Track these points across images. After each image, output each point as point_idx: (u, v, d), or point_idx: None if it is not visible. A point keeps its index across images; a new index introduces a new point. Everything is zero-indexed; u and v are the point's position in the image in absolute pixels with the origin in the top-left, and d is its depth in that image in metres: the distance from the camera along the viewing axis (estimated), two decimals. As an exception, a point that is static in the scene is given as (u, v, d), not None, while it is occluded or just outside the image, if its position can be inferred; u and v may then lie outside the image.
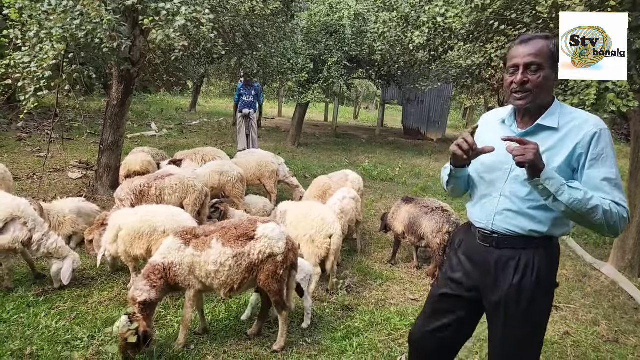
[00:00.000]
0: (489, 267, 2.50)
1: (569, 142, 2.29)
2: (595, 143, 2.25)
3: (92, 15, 5.29)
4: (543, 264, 2.41)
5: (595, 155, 2.25)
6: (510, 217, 2.42)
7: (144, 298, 3.66)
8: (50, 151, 9.97)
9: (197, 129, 17.54)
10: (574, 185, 2.20)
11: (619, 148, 23.72)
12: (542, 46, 2.29)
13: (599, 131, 2.25)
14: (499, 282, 2.46)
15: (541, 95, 2.33)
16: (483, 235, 2.55)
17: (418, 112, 22.96)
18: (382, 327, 4.63)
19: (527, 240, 2.41)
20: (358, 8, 13.35)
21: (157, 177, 5.99)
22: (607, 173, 2.24)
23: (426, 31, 7.27)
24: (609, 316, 5.41)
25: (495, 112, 2.69)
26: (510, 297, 2.42)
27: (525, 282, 2.39)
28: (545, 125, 2.35)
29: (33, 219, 4.66)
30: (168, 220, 4.65)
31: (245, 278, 3.80)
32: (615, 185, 2.25)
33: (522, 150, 2.14)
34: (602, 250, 7.93)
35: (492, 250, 2.50)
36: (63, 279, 4.63)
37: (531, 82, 2.29)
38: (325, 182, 7.20)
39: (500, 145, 2.37)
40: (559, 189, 2.17)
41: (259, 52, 10.09)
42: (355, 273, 5.92)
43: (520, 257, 2.41)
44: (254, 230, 3.84)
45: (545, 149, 2.30)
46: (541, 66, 2.28)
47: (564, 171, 2.28)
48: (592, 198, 2.17)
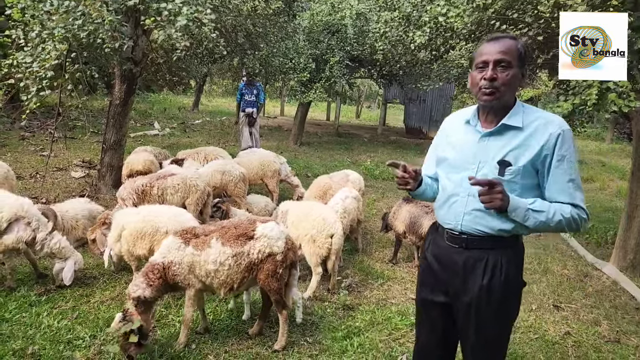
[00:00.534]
0: (458, 268, 2.50)
1: (534, 142, 2.30)
2: (560, 144, 2.27)
3: (93, 16, 5.30)
4: (511, 264, 2.44)
5: (560, 157, 2.28)
6: (479, 217, 2.41)
7: (138, 294, 3.68)
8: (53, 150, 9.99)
9: (200, 128, 17.56)
10: (537, 207, 2.26)
11: (622, 147, 23.71)
12: (511, 45, 2.31)
13: (562, 132, 2.28)
14: (468, 283, 2.46)
15: (507, 93, 2.33)
16: (451, 236, 2.53)
17: (420, 111, 22.96)
18: (383, 326, 4.63)
19: (495, 240, 2.42)
20: (360, 7, 13.34)
21: (159, 176, 6.01)
22: (571, 174, 2.29)
23: (427, 31, 7.26)
24: (611, 316, 5.41)
25: (458, 114, 2.68)
26: (481, 298, 2.43)
27: (495, 282, 2.40)
28: (510, 125, 2.35)
29: (37, 218, 4.68)
30: (170, 221, 4.65)
31: (245, 277, 3.82)
32: (577, 186, 2.31)
33: (489, 197, 2.20)
34: (603, 249, 7.92)
35: (461, 252, 2.49)
36: (65, 279, 4.65)
37: (499, 79, 2.29)
38: (326, 182, 7.21)
39: (466, 144, 2.46)
40: (524, 216, 2.25)
41: (261, 51, 10.09)
42: (356, 272, 5.93)
43: (488, 258, 2.42)
44: (253, 230, 3.86)
45: (511, 148, 2.32)
46: (510, 64, 2.29)
47: (528, 170, 2.31)
48: (555, 214, 2.25)
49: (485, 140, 2.41)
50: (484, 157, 2.38)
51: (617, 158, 20.23)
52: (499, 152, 2.35)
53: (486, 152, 2.39)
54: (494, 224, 2.38)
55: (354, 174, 7.66)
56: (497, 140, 2.38)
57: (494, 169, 2.34)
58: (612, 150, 23.03)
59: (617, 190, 13.12)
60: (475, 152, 2.41)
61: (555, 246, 7.91)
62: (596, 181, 14.40)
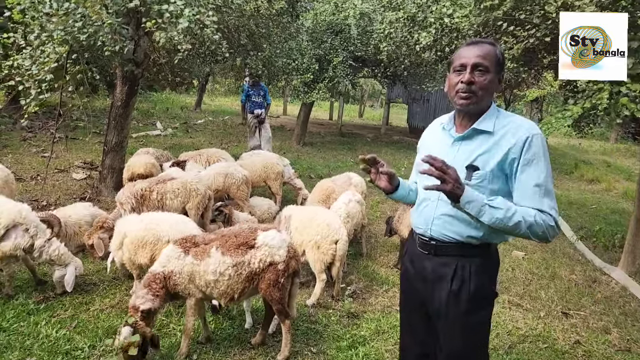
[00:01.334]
0: (427, 274, 2.48)
1: (503, 146, 2.26)
2: (527, 148, 2.22)
3: (93, 18, 5.21)
4: (481, 274, 2.38)
5: (527, 161, 2.22)
6: (447, 222, 2.38)
7: (148, 307, 3.59)
8: (54, 151, 9.93)
9: (202, 128, 17.46)
10: (495, 204, 2.17)
11: (627, 147, 23.58)
12: (490, 50, 2.29)
13: (531, 136, 2.22)
14: (435, 291, 2.44)
15: (484, 98, 2.31)
16: (422, 241, 2.51)
17: (424, 111, 22.81)
18: (389, 335, 4.54)
19: (464, 247, 2.37)
20: (364, 7, 13.22)
21: (158, 181, 5.90)
22: (537, 179, 2.21)
23: (433, 32, 7.16)
24: (620, 324, 5.31)
25: (438, 119, 2.67)
26: (447, 307, 2.39)
27: (462, 292, 2.36)
28: (481, 129, 2.32)
29: (35, 225, 4.58)
30: (172, 229, 4.54)
31: (246, 287, 3.72)
32: (545, 192, 2.22)
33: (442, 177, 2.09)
34: (611, 253, 7.81)
35: (430, 258, 2.47)
36: (66, 286, 4.56)
37: (477, 83, 2.27)
38: (328, 185, 7.11)
39: (439, 149, 2.42)
40: (479, 210, 2.16)
41: (263, 52, 9.99)
42: (361, 278, 5.84)
43: (457, 266, 2.38)
44: (254, 239, 3.77)
45: (481, 152, 2.30)
46: (488, 69, 2.27)
47: (496, 175, 2.27)
48: (514, 214, 2.16)
49: (458, 145, 2.40)
50: (454, 161, 2.30)
51: (622, 158, 20.11)
52: (469, 157, 2.33)
53: (457, 156, 2.36)
54: (462, 229, 2.35)
55: (357, 176, 7.56)
56: (468, 145, 2.36)
57: (462, 173, 2.26)
58: (616, 150, 22.90)
59: (623, 192, 13.00)
60: (447, 157, 2.32)
61: (563, 250, 7.79)
62: (602, 182, 14.28)
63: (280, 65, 11.16)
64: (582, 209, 10.84)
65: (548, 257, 7.36)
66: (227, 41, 8.65)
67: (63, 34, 5.36)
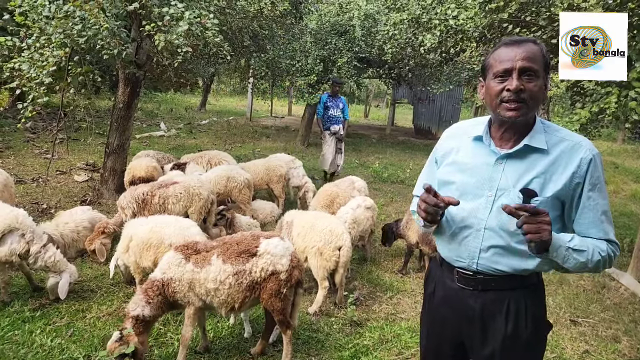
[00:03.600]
0: (474, 314, 2.16)
1: (562, 168, 1.97)
2: (592, 171, 1.96)
3: (91, 21, 5.14)
4: (536, 306, 2.13)
5: (592, 186, 1.97)
6: (498, 254, 2.07)
7: (137, 313, 3.50)
8: (57, 152, 9.89)
9: (207, 129, 17.41)
10: (577, 246, 1.93)
11: (634, 148, 23.36)
12: (536, 51, 1.95)
13: (593, 157, 1.97)
14: (488, 332, 2.13)
15: (534, 108, 1.99)
16: (463, 276, 2.18)
17: (429, 111, 22.69)
18: (392, 344, 4.43)
19: (515, 279, 2.09)
20: (368, 8, 13.13)
21: (160, 185, 5.81)
22: (604, 205, 2.00)
23: (438, 33, 7.06)
24: (630, 331, 5.18)
25: (462, 127, 2.32)
26: (506, 348, 2.10)
27: (521, 329, 2.08)
28: (534, 146, 2.00)
29: (31, 230, 4.51)
30: (175, 233, 4.47)
31: (247, 297, 3.61)
32: (610, 219, 2.03)
33: (536, 227, 1.80)
34: (620, 258, 7.65)
35: (476, 294, 2.15)
36: (60, 293, 4.47)
37: (527, 90, 1.93)
38: (332, 190, 6.99)
39: (478, 167, 2.10)
40: (564, 257, 1.92)
41: (267, 53, 9.92)
42: (364, 284, 5.73)
43: (510, 301, 2.09)
44: (256, 247, 3.66)
45: (536, 174, 1.98)
46: (537, 74, 1.94)
47: (555, 202, 2.00)
48: (594, 254, 1.94)
49: (503, 163, 2.05)
50: (502, 183, 2.03)
51: (630, 159, 19.89)
52: (522, 179, 2.00)
53: (505, 177, 2.03)
54: (515, 262, 2.06)
55: (359, 180, 7.46)
56: (518, 164, 2.02)
57: (517, 198, 1.95)
58: (624, 151, 22.66)
59: (631, 194, 12.83)
60: (491, 177, 2.06)
61: (570, 255, 7.65)
62: (609, 184, 14.08)
63: (284, 66, 11.08)
64: (589, 212, 10.67)
65: (555, 262, 7.23)
66: (231, 42, 8.59)
67: (62, 37, 5.30)
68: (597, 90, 4.64)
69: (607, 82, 4.66)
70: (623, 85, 4.39)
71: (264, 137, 17.03)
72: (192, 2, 5.94)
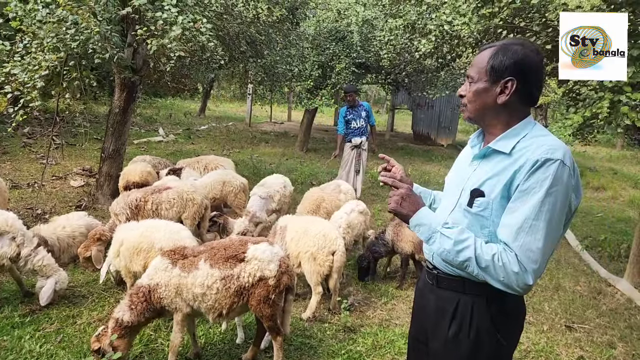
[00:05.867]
0: (429, 307, 2.19)
1: (512, 169, 1.88)
2: (532, 173, 1.80)
3: (83, 25, 5.14)
4: (484, 319, 1.99)
5: (526, 187, 1.81)
6: None
7: (118, 316, 3.50)
8: (53, 158, 9.88)
9: (205, 134, 17.41)
10: (448, 232, 1.89)
11: (633, 154, 23.34)
12: (481, 57, 2.00)
13: (542, 160, 1.79)
14: (436, 329, 2.13)
15: (476, 110, 2.03)
16: (427, 270, 2.23)
17: (428, 117, 22.68)
18: (386, 350, 4.40)
19: (468, 283, 2.01)
20: (366, 14, 13.16)
21: (154, 190, 5.79)
22: (530, 212, 1.78)
23: (433, 39, 7.06)
24: (626, 337, 5.14)
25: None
26: (447, 349, 2.07)
27: (462, 335, 2.02)
28: (497, 150, 1.97)
29: (22, 233, 4.49)
30: (165, 237, 4.45)
31: (235, 302, 3.57)
32: (532, 230, 1.78)
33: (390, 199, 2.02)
34: (617, 263, 7.63)
35: (434, 290, 2.17)
36: (41, 299, 4.43)
37: (466, 94, 2.05)
38: (318, 194, 6.87)
39: (460, 167, 2.22)
40: (429, 237, 1.93)
41: (264, 59, 9.93)
42: (359, 290, 5.70)
43: (458, 304, 2.04)
44: (243, 252, 3.63)
45: (490, 176, 1.94)
46: (473, 79, 2.01)
47: (502, 206, 1.89)
48: (466, 248, 1.83)
49: (476, 165, 2.07)
50: (468, 183, 2.04)
51: (629, 165, 19.88)
52: (478, 180, 1.99)
53: (472, 177, 2.03)
54: None
55: (345, 184, 7.45)
56: (485, 166, 2.02)
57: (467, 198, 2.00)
58: (623, 157, 22.66)
59: (629, 200, 12.80)
60: (464, 177, 2.09)
61: (567, 260, 7.62)
62: (608, 190, 14.08)
63: (281, 72, 11.09)
64: (587, 217, 10.65)
65: (552, 267, 7.19)
66: (228, 48, 8.59)
67: (55, 41, 5.30)
68: (590, 95, 4.64)
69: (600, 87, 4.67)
70: (615, 91, 4.39)
71: (262, 143, 17.03)
72: (187, 7, 5.93)
